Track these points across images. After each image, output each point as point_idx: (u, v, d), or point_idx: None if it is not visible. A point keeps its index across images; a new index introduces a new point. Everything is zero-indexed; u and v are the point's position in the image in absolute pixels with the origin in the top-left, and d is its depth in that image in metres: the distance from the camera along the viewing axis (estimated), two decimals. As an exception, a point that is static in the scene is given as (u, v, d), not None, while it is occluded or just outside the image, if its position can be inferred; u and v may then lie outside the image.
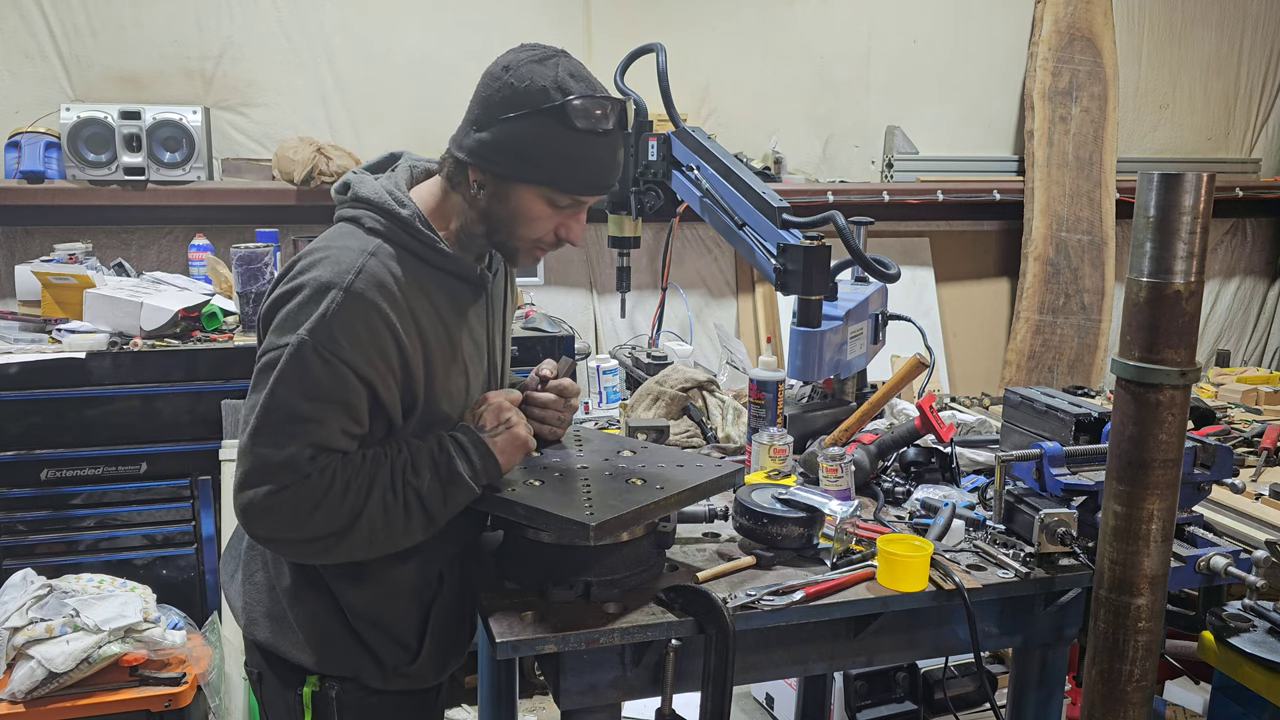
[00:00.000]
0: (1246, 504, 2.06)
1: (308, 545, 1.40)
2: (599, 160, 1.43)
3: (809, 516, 1.63)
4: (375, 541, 1.42)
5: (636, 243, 2.23)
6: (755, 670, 1.58)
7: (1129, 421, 1.37)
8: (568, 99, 1.38)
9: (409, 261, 1.45)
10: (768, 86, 4.32)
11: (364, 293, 1.37)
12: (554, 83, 1.39)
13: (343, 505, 1.37)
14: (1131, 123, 4.82)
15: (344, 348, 1.36)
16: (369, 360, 1.38)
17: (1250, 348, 5.20)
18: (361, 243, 1.43)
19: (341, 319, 1.36)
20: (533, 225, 1.47)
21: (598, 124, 1.40)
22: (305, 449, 1.36)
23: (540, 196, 1.44)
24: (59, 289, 2.98)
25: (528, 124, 1.39)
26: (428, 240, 1.46)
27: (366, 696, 1.54)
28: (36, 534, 2.83)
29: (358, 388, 1.38)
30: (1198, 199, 1.30)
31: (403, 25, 3.82)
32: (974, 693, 2.92)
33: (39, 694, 2.33)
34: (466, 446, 1.45)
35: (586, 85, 1.41)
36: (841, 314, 1.96)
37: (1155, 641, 1.43)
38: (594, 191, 1.47)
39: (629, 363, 2.96)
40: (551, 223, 1.48)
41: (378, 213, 1.46)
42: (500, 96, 1.40)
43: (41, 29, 3.47)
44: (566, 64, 1.42)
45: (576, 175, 1.43)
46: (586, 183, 1.44)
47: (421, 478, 1.41)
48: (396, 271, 1.42)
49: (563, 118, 1.38)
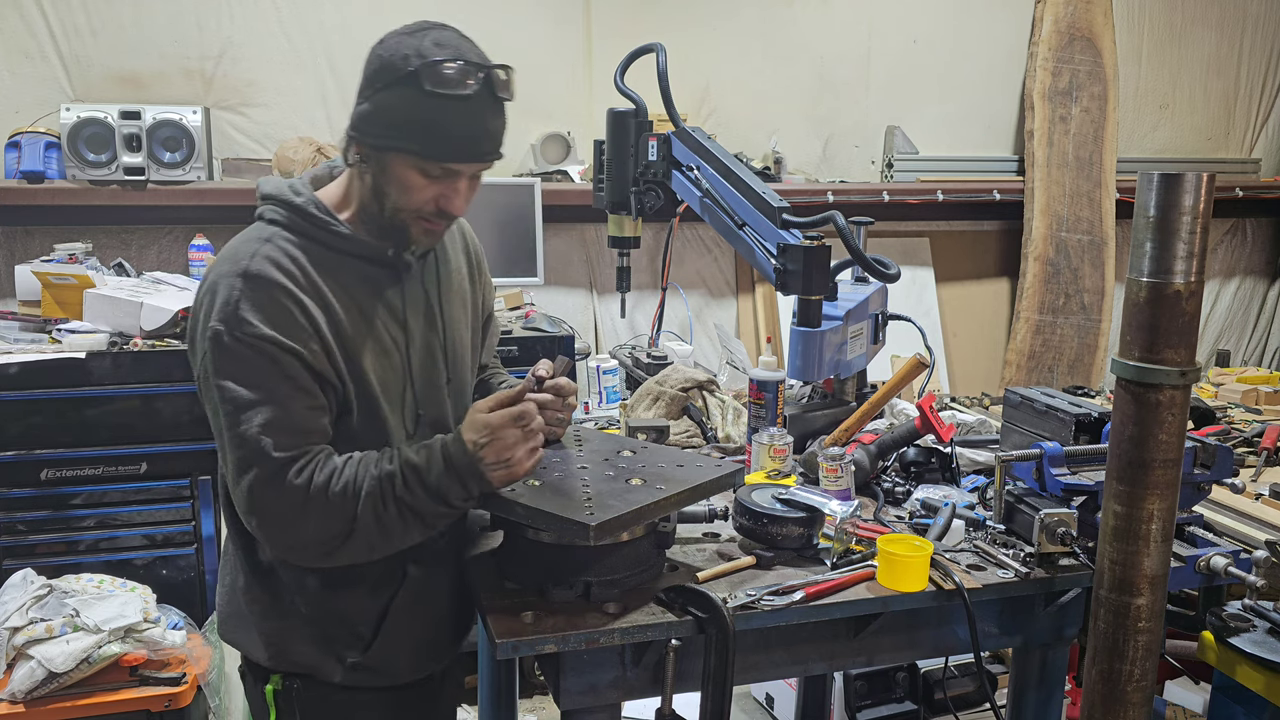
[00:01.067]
0: (1246, 504, 2.06)
1: (308, 550, 1.41)
2: (460, 125, 1.41)
3: (809, 516, 1.63)
4: (376, 547, 1.43)
5: (636, 243, 2.23)
6: (755, 670, 1.58)
7: (1129, 421, 1.37)
8: (421, 63, 1.38)
9: (312, 248, 1.47)
10: (768, 86, 4.32)
11: (261, 272, 1.40)
12: (415, 51, 1.39)
13: (334, 511, 1.38)
14: (1131, 123, 4.82)
15: (256, 325, 1.37)
16: (286, 331, 1.39)
17: (1250, 348, 5.20)
18: (258, 233, 1.47)
19: (246, 301, 1.38)
20: (409, 195, 1.45)
21: (455, 88, 1.38)
22: (271, 434, 1.36)
23: (410, 165, 1.43)
24: (59, 289, 2.98)
25: (391, 93, 1.40)
26: (322, 223, 1.47)
27: (330, 694, 1.54)
28: (36, 534, 2.83)
29: (288, 360, 1.39)
30: (1198, 199, 1.30)
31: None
32: (974, 693, 2.92)
33: (39, 694, 2.33)
34: (462, 474, 1.41)
35: (451, 52, 1.40)
36: (841, 314, 1.96)
37: (1155, 641, 1.43)
38: (459, 158, 1.43)
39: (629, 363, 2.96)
40: (429, 192, 1.45)
41: (275, 204, 1.50)
42: (372, 70, 1.43)
43: (41, 29, 3.47)
44: (436, 34, 1.42)
45: (437, 141, 1.41)
46: (448, 149, 1.42)
47: (414, 494, 1.41)
48: (295, 255, 1.44)
49: (418, 83, 1.38)
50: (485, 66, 1.42)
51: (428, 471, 1.40)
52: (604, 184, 2.15)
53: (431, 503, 1.41)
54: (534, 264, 3.70)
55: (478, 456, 1.40)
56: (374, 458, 1.43)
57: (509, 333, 3.24)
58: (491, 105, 1.44)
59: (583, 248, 4.17)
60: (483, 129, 1.44)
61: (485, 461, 1.40)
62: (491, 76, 1.43)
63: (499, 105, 1.46)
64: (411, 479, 1.40)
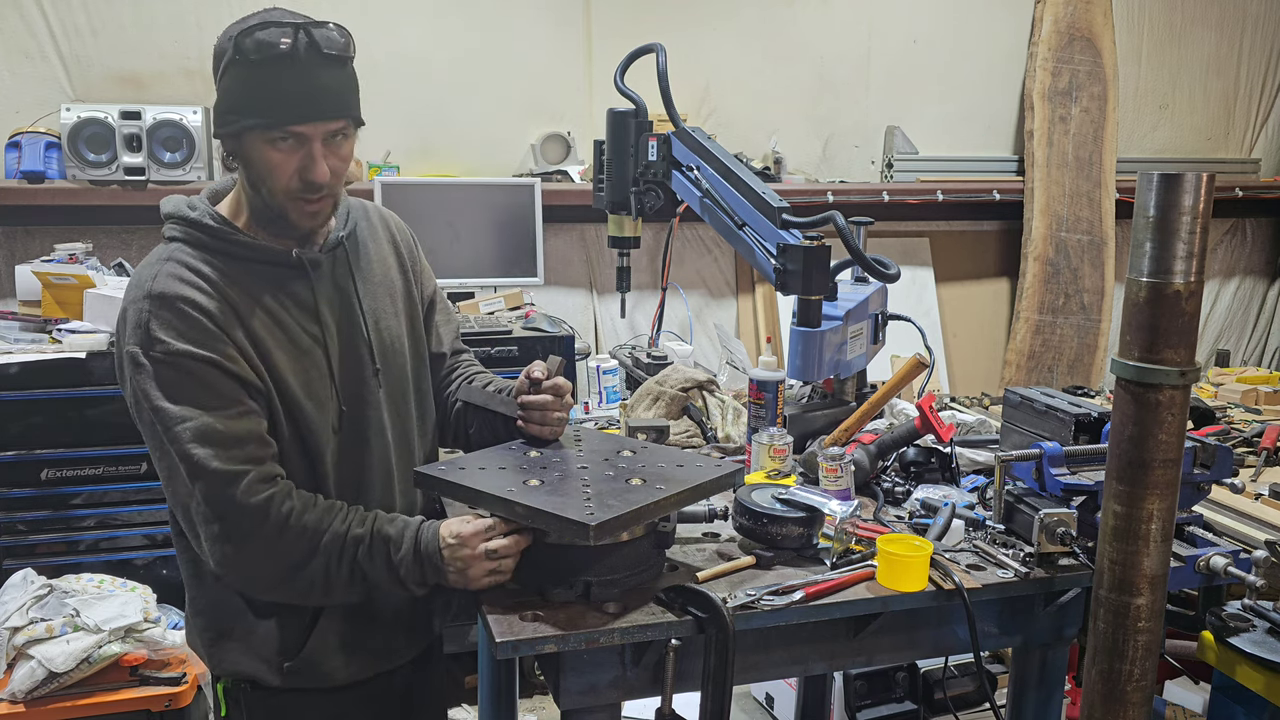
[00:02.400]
0: (1246, 504, 2.06)
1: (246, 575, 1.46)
2: (288, 85, 1.40)
3: (809, 516, 1.63)
4: (309, 596, 1.48)
5: (636, 243, 2.23)
6: (755, 670, 1.58)
7: (1129, 421, 1.37)
8: (238, 35, 1.39)
9: (214, 260, 1.48)
10: (768, 86, 4.32)
11: (166, 290, 1.42)
12: (239, 29, 1.41)
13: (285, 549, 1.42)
14: (1131, 123, 4.82)
15: (169, 342, 1.40)
16: (199, 342, 1.41)
17: (1250, 348, 5.20)
18: (160, 254, 1.48)
19: (156, 320, 1.40)
20: (274, 174, 1.44)
21: (271, 49, 1.38)
22: (207, 445, 1.39)
23: (261, 141, 1.43)
24: (59, 289, 2.98)
25: (225, 78, 1.42)
26: (220, 234, 1.48)
27: (272, 696, 1.56)
28: (36, 534, 2.84)
29: (207, 370, 1.40)
30: (1197, 199, 1.30)
31: (403, 25, 3.82)
32: (974, 693, 2.92)
33: (39, 694, 2.33)
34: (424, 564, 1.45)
35: (262, 18, 1.41)
36: (841, 314, 1.96)
37: (1155, 641, 1.43)
38: (295, 118, 1.41)
39: (629, 363, 2.96)
40: (289, 166, 1.44)
41: (174, 222, 1.51)
42: (213, 65, 1.46)
43: (41, 29, 3.47)
44: (265, 14, 1.43)
45: (270, 106, 1.40)
46: (282, 111, 1.40)
47: (374, 563, 1.45)
48: (199, 267, 1.46)
49: (241, 55, 1.39)
50: (298, 24, 1.40)
51: (396, 548, 1.45)
52: (604, 184, 2.15)
53: (387, 576, 1.46)
54: (534, 264, 3.70)
55: (440, 553, 1.45)
56: (343, 513, 1.46)
57: (508, 333, 3.24)
58: (319, 60, 1.41)
59: (583, 248, 4.17)
60: (313, 85, 1.41)
61: (445, 560, 1.45)
62: (310, 33, 1.40)
63: (332, 61, 1.43)
64: (378, 549, 1.45)
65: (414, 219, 3.51)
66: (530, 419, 1.69)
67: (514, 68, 3.95)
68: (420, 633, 1.70)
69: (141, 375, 1.40)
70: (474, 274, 3.64)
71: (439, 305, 1.83)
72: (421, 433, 1.72)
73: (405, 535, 1.46)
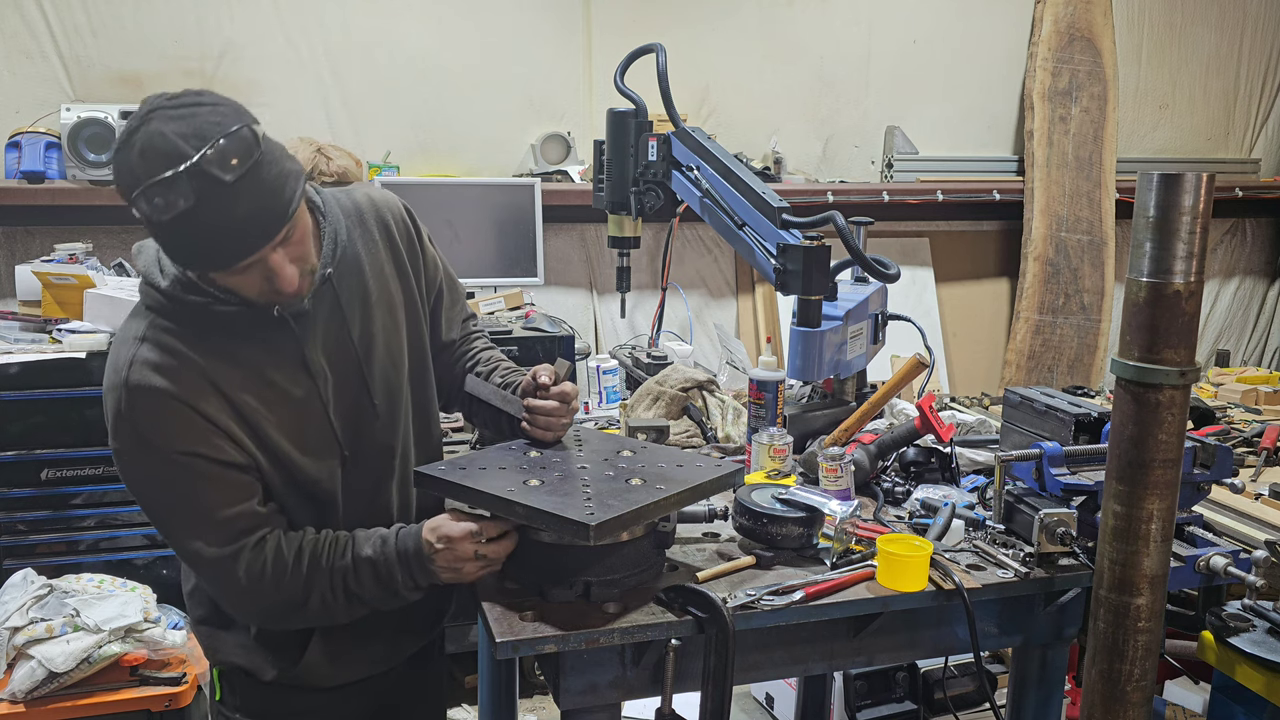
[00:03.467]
0: (1246, 504, 2.06)
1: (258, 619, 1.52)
2: (206, 237, 1.26)
3: (809, 516, 1.63)
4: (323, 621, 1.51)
5: (636, 243, 2.23)
6: (755, 670, 1.58)
7: (1129, 421, 1.37)
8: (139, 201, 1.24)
9: (188, 332, 1.39)
10: (768, 86, 4.32)
11: (141, 383, 1.36)
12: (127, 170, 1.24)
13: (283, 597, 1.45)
14: (1131, 123, 4.82)
15: (149, 438, 1.38)
16: (181, 438, 1.37)
17: (1250, 348, 5.20)
18: (134, 329, 1.41)
19: (134, 416, 1.37)
20: (243, 290, 1.36)
21: (168, 211, 1.22)
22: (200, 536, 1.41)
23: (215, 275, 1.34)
24: (59, 289, 2.98)
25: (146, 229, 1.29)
26: (193, 306, 1.38)
27: (269, 687, 1.59)
28: (36, 534, 2.84)
29: (185, 462, 1.38)
30: (1197, 199, 1.30)
31: (403, 25, 3.82)
32: (974, 693, 2.92)
33: (39, 694, 2.33)
34: (413, 570, 1.47)
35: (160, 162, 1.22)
36: (841, 314, 1.96)
37: (1155, 641, 1.43)
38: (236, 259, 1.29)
39: (629, 363, 2.96)
40: (255, 284, 1.35)
41: (146, 287, 1.42)
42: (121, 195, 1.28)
43: (41, 29, 3.47)
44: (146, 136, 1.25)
45: (208, 258, 1.30)
46: (221, 259, 1.29)
47: (366, 589, 1.47)
48: (174, 345, 1.38)
49: (148, 220, 1.25)
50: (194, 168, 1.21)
51: (381, 566, 1.47)
52: (604, 184, 2.15)
53: (380, 591, 1.48)
54: (534, 264, 3.70)
55: (430, 557, 1.46)
56: (326, 550, 1.47)
57: (508, 333, 3.24)
58: (230, 194, 1.23)
59: (583, 248, 4.17)
60: (236, 223, 1.25)
61: (436, 564, 1.46)
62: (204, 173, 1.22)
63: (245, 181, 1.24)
64: (364, 573, 1.47)
65: (414, 219, 3.54)
66: (535, 423, 1.68)
67: (514, 68, 3.95)
68: (415, 635, 1.71)
69: (126, 468, 1.41)
70: (474, 274, 3.64)
71: (446, 290, 1.77)
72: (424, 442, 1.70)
73: (386, 552, 1.47)
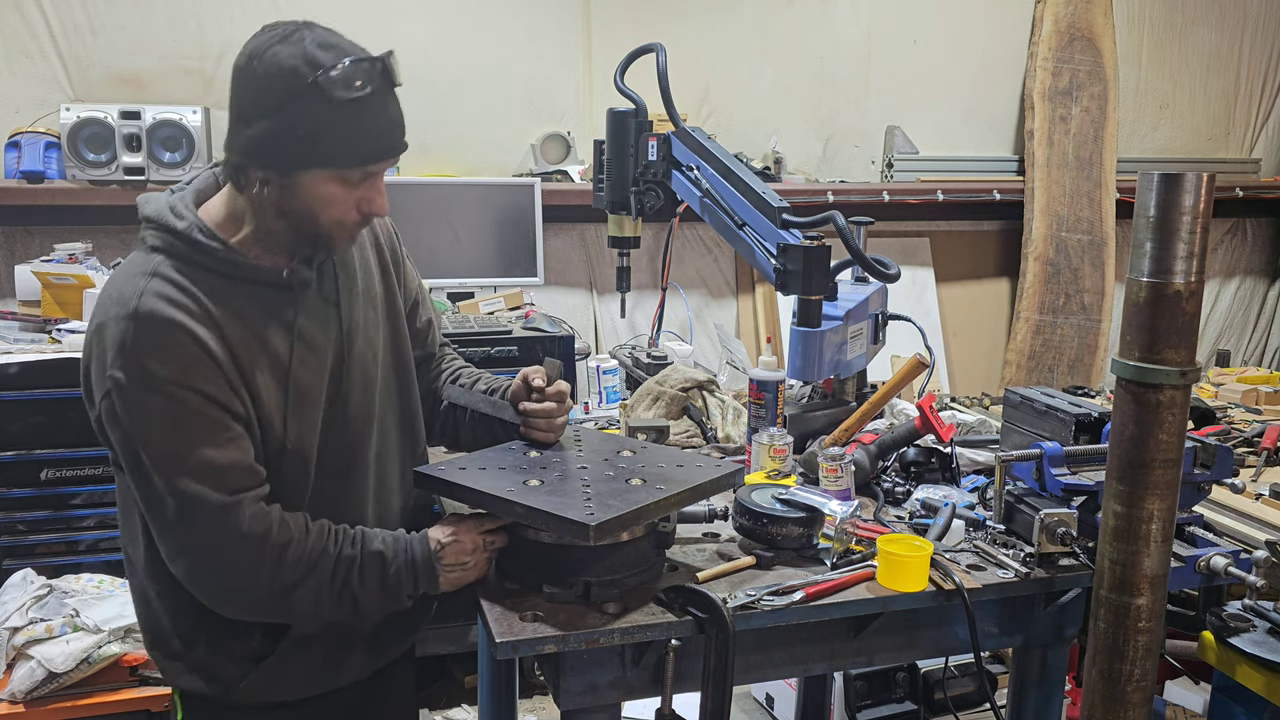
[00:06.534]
0: (1246, 504, 2.05)
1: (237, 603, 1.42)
2: (372, 125, 1.37)
3: (809, 516, 1.63)
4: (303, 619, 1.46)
5: (636, 243, 2.23)
6: (755, 670, 1.58)
7: (1129, 421, 1.37)
8: (319, 73, 1.30)
9: (198, 274, 1.38)
10: (768, 86, 4.32)
11: (152, 311, 1.32)
12: (304, 59, 1.31)
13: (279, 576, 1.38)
14: (1131, 123, 4.82)
15: (155, 370, 1.31)
16: (188, 371, 1.33)
17: (1250, 348, 5.20)
18: (142, 265, 1.38)
19: (140, 344, 1.32)
20: (331, 208, 1.39)
21: (358, 90, 1.33)
22: (200, 480, 1.33)
23: (328, 178, 1.37)
24: (59, 289, 2.98)
25: (291, 110, 1.32)
26: (209, 250, 1.38)
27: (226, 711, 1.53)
28: (36, 534, 2.83)
29: (195, 399, 1.33)
30: (1198, 199, 1.30)
31: (403, 25, 3.82)
32: (974, 693, 2.92)
33: (39, 694, 2.33)
34: (419, 571, 1.45)
35: (337, 53, 1.33)
36: (841, 314, 1.96)
37: (1155, 641, 1.43)
38: (378, 159, 1.40)
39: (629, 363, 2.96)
40: (350, 200, 1.40)
41: (156, 230, 1.40)
42: (256, 89, 1.33)
43: (41, 29, 3.47)
44: (312, 35, 1.34)
45: (354, 148, 1.36)
46: (367, 152, 1.38)
47: (366, 587, 1.43)
48: (184, 283, 1.36)
49: (321, 93, 1.31)
50: (378, 59, 1.36)
51: (390, 563, 1.44)
52: (604, 184, 2.15)
53: (378, 593, 1.44)
54: (534, 264, 3.70)
55: (439, 556, 1.46)
56: (333, 536, 1.43)
57: (508, 333, 3.24)
58: (391, 95, 1.40)
59: (583, 248, 4.17)
60: (392, 119, 1.40)
61: (444, 562, 1.46)
62: (386, 66, 1.37)
63: (395, 93, 1.41)
64: (371, 568, 1.43)
65: (414, 219, 3.54)
66: (534, 426, 1.68)
67: (514, 68, 3.95)
68: (379, 651, 1.64)
69: (125, 403, 1.32)
70: (474, 274, 3.64)
71: (422, 303, 1.77)
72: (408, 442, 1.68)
73: (398, 549, 1.45)
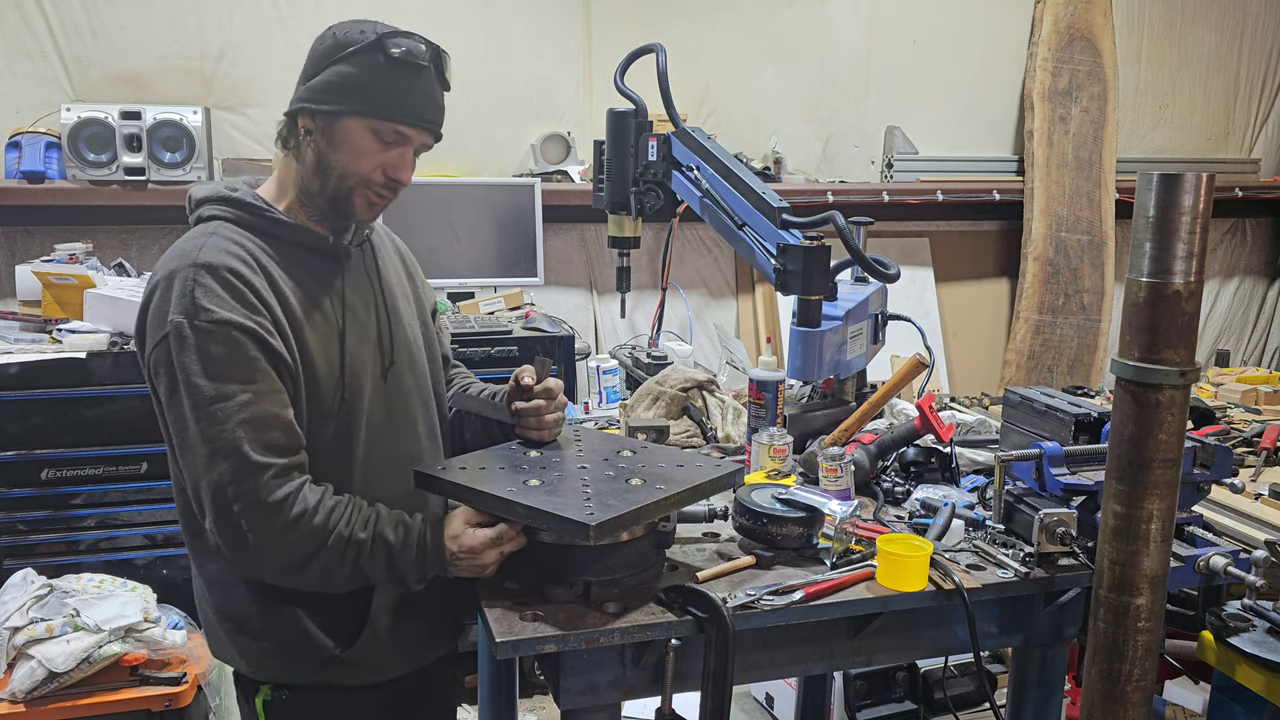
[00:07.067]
0: (1246, 504, 2.06)
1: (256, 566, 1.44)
2: (417, 92, 1.50)
3: (809, 516, 1.63)
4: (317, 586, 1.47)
5: (636, 243, 2.23)
6: (755, 670, 1.58)
7: (1129, 421, 1.37)
8: (380, 34, 1.47)
9: (255, 237, 1.50)
10: (768, 86, 4.32)
11: (213, 260, 1.42)
12: (371, 29, 1.49)
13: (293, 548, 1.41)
14: (1131, 123, 4.82)
15: (214, 310, 1.39)
16: (244, 313, 1.41)
17: (1250, 348, 5.20)
18: (200, 230, 1.50)
19: (201, 288, 1.40)
20: (360, 160, 1.49)
21: (413, 57, 1.48)
22: (245, 429, 1.38)
23: (365, 128, 1.48)
24: (59, 289, 2.98)
25: (349, 62, 1.47)
26: (260, 211, 1.51)
27: (317, 701, 1.55)
28: (36, 534, 2.84)
29: (249, 342, 1.40)
30: (1197, 199, 1.30)
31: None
32: (974, 692, 2.92)
33: (39, 694, 2.33)
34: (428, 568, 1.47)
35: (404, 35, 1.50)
36: (841, 314, 1.96)
37: (1155, 641, 1.43)
38: (413, 121, 1.50)
39: (629, 363, 2.96)
40: (378, 159, 1.50)
41: (213, 203, 1.53)
42: (324, 49, 1.49)
43: (42, 29, 3.47)
44: (385, 26, 1.51)
45: (395, 103, 1.48)
46: (406, 111, 1.49)
47: (375, 566, 1.45)
48: (242, 241, 1.48)
49: (379, 49, 1.46)
50: (436, 47, 1.52)
51: (400, 554, 1.45)
52: (604, 184, 2.15)
53: (386, 577, 1.47)
54: (534, 264, 3.70)
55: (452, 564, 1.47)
56: (348, 513, 1.45)
57: (508, 333, 3.24)
58: (439, 83, 1.54)
59: (583, 248, 4.17)
60: (433, 100, 1.53)
61: (459, 568, 1.48)
62: (441, 56, 1.53)
63: (443, 88, 1.56)
64: (379, 552, 1.45)
65: (414, 219, 3.54)
66: (526, 425, 1.69)
67: (514, 68, 3.95)
68: (455, 624, 1.73)
69: (183, 346, 1.38)
70: (474, 274, 3.64)
71: (437, 317, 1.87)
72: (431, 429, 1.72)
73: (409, 541, 1.46)
